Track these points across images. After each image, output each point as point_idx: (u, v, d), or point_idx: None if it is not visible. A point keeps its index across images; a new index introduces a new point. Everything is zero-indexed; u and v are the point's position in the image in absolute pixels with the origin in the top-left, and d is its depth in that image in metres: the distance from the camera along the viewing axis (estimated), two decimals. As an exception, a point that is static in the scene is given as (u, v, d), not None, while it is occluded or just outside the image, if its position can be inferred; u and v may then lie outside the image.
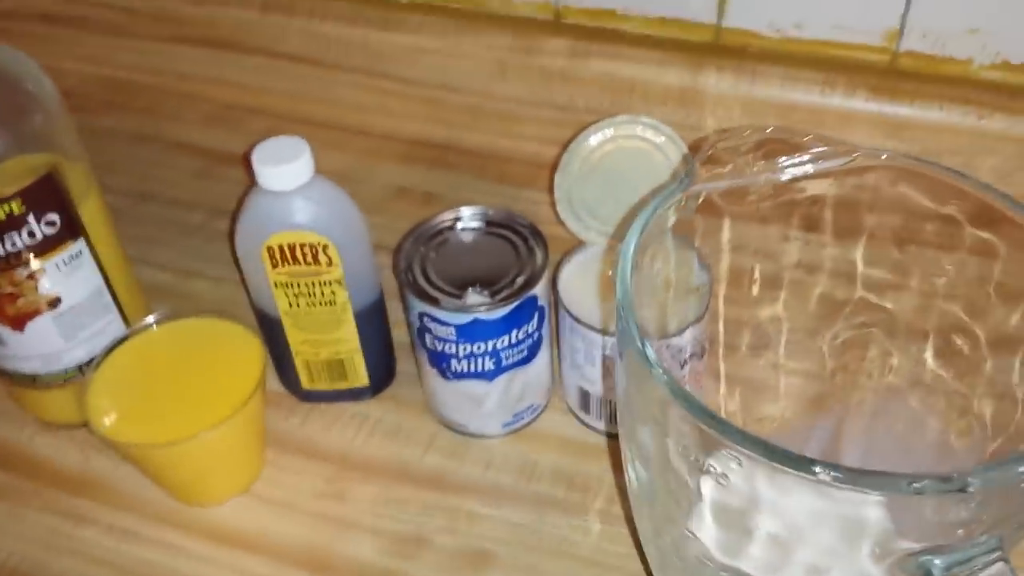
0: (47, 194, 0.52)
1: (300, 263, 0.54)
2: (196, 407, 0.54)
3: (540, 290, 0.56)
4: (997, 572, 0.30)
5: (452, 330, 0.54)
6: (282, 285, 0.55)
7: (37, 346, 0.56)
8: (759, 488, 0.33)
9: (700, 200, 0.42)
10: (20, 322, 0.55)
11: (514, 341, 0.56)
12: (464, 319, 0.54)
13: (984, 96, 0.71)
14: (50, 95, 0.53)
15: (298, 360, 0.60)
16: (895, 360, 0.47)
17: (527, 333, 0.56)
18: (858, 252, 0.46)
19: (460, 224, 0.59)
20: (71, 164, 0.54)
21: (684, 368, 0.50)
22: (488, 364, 0.56)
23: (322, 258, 0.53)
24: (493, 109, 0.81)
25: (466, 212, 0.59)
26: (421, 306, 0.54)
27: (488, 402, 0.58)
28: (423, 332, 0.56)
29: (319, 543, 0.56)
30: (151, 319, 0.58)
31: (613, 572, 0.53)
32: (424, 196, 0.80)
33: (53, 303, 0.55)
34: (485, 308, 0.54)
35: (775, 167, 0.40)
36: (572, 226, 0.59)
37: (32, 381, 0.58)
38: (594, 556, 0.54)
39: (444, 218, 0.59)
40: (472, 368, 0.56)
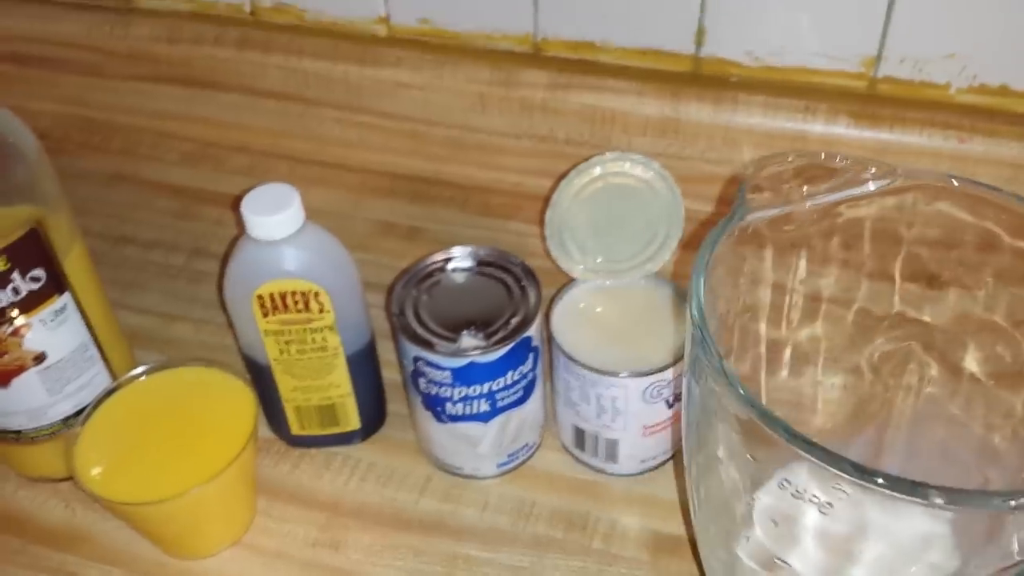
0: (32, 249, 0.51)
1: (291, 311, 0.53)
2: (186, 460, 0.53)
3: (534, 330, 0.55)
4: None
5: (448, 374, 0.54)
6: (273, 333, 0.54)
7: (22, 402, 0.55)
8: (867, 514, 0.34)
9: (750, 230, 0.42)
10: (5, 378, 0.53)
11: (510, 382, 0.55)
12: (460, 363, 0.53)
13: (963, 120, 0.71)
14: (32, 147, 0.52)
15: (288, 407, 0.59)
16: (934, 371, 0.47)
17: (522, 374, 0.56)
18: (896, 268, 0.46)
19: (451, 265, 0.58)
20: (55, 216, 0.53)
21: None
22: (484, 406, 0.56)
23: (313, 305, 0.53)
24: (475, 142, 0.81)
25: (457, 252, 0.59)
26: (416, 350, 0.54)
27: (483, 444, 0.58)
28: (417, 376, 0.55)
29: (316, 594, 0.55)
30: (140, 370, 0.57)
31: (616, 614, 0.53)
32: (409, 230, 0.79)
33: (38, 358, 0.54)
34: (481, 351, 0.53)
35: (817, 192, 0.41)
36: (563, 263, 0.59)
37: (16, 436, 0.57)
38: (596, 598, 0.54)
39: (435, 259, 0.58)
40: (467, 411, 0.56)
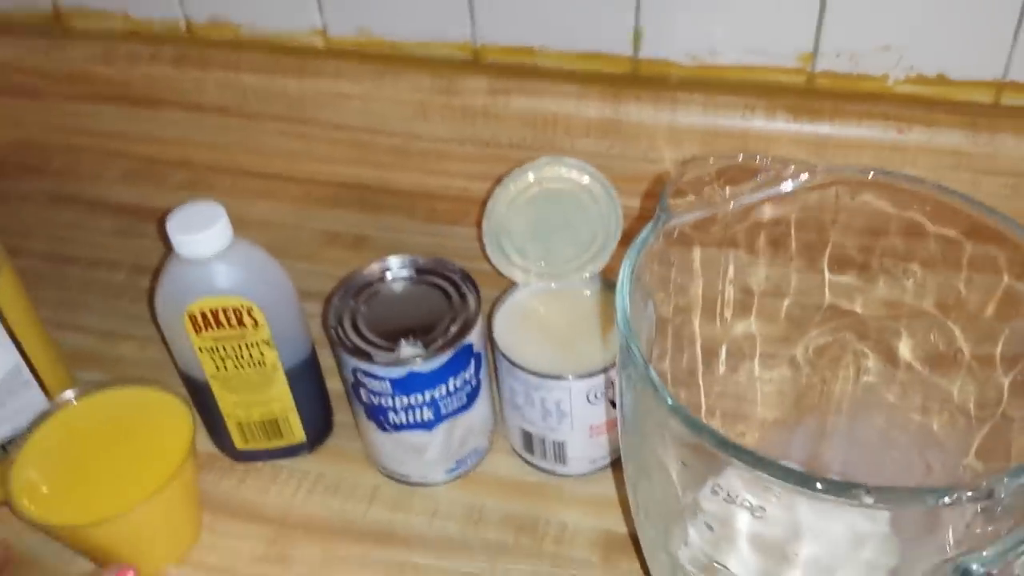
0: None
1: (224, 327, 0.52)
2: (125, 480, 0.53)
3: (475, 336, 0.55)
4: None
5: (388, 384, 0.53)
6: (207, 350, 0.53)
7: (-45, 429, 0.54)
8: (799, 516, 0.34)
9: (675, 235, 0.42)
10: (-64, 406, 0.53)
11: (452, 389, 0.55)
12: (399, 372, 0.53)
13: (902, 110, 0.72)
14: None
15: (230, 422, 0.58)
16: (870, 361, 0.47)
17: (465, 380, 0.55)
18: (824, 262, 0.46)
19: (389, 274, 0.58)
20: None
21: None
22: (427, 414, 0.55)
23: (247, 320, 0.52)
24: (418, 149, 0.81)
25: (395, 262, 0.58)
26: (354, 362, 0.53)
27: (430, 451, 0.58)
28: (358, 387, 0.55)
29: (263, 611, 0.54)
30: (71, 393, 0.56)
31: (566, 617, 0.53)
32: (355, 240, 0.79)
33: (-31, 385, 0.53)
34: (420, 360, 0.53)
35: (740, 192, 0.41)
36: (502, 267, 0.58)
37: (-49, 464, 0.56)
38: (547, 601, 0.54)
39: (372, 269, 0.58)
40: (411, 419, 0.55)
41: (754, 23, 0.72)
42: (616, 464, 0.60)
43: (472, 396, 0.57)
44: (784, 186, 0.40)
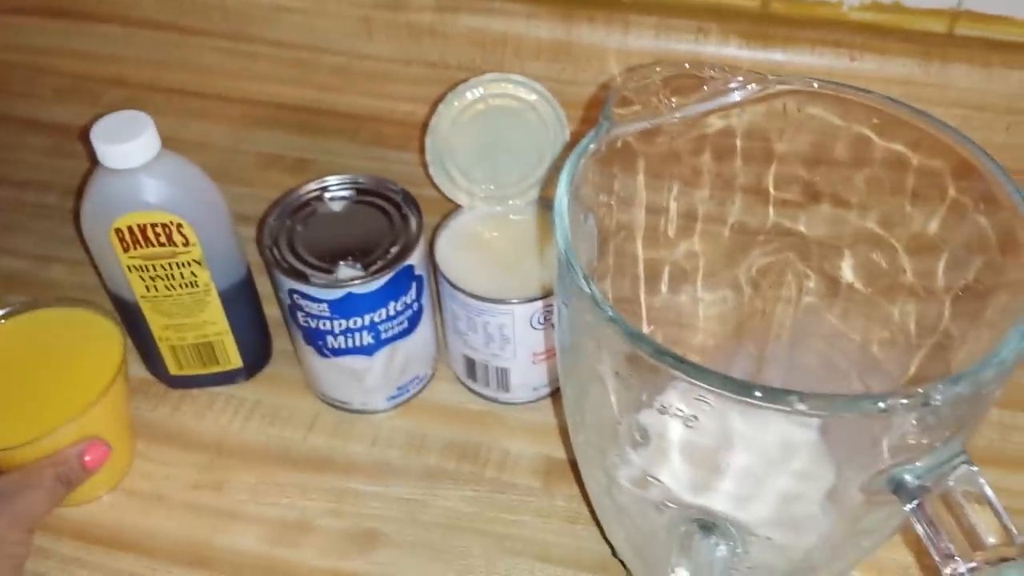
0: None
1: (153, 245, 0.50)
2: (53, 403, 0.51)
3: (416, 259, 0.54)
4: (964, 474, 0.31)
5: (325, 306, 0.52)
6: (136, 269, 0.51)
7: None
8: (731, 425, 0.33)
9: (619, 144, 0.41)
10: None
11: (392, 313, 0.54)
12: (337, 294, 0.51)
13: (855, 38, 0.71)
14: None
15: (163, 346, 0.56)
16: (812, 282, 0.47)
17: (406, 304, 0.54)
18: (769, 178, 0.46)
19: (328, 194, 0.56)
20: None
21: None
22: (367, 339, 0.54)
23: (177, 238, 0.50)
24: (362, 69, 0.78)
25: (334, 181, 0.56)
26: (290, 283, 0.52)
27: (370, 377, 0.56)
28: (295, 310, 0.53)
29: (197, 537, 0.53)
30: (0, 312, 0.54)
31: (506, 540, 0.52)
32: (296, 163, 0.76)
33: None
34: (359, 281, 0.51)
35: (686, 102, 0.40)
36: (446, 189, 0.57)
37: None
38: (489, 526, 0.53)
39: (310, 188, 0.56)
40: (350, 344, 0.54)
41: (710, -57, 0.70)
42: (558, 393, 0.59)
43: (413, 321, 0.55)
44: (732, 96, 0.39)
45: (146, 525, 0.54)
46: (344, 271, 0.52)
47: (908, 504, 0.31)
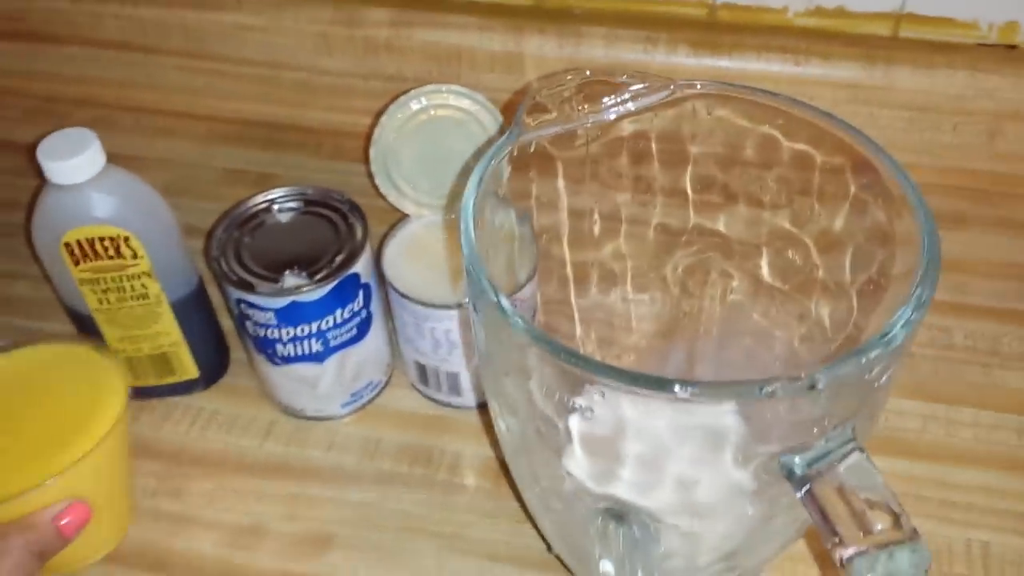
0: None
1: (102, 258, 0.52)
2: (39, 456, 0.47)
3: (362, 267, 0.55)
4: (854, 461, 0.32)
5: (272, 315, 0.53)
6: (88, 282, 0.53)
7: None
8: (623, 414, 0.34)
9: (532, 149, 0.42)
10: None
11: (340, 320, 0.55)
12: (282, 303, 0.53)
13: (800, 43, 0.72)
14: None
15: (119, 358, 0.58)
16: (735, 281, 0.48)
17: (353, 311, 0.55)
18: (687, 180, 0.47)
19: (276, 206, 0.57)
20: None
21: (535, 316, 0.51)
22: (315, 346, 0.55)
23: (125, 251, 0.51)
24: (322, 84, 0.80)
25: (281, 193, 0.58)
26: (237, 293, 0.53)
27: (322, 384, 0.58)
28: (244, 319, 0.55)
29: (154, 541, 0.54)
30: None
31: (456, 540, 0.53)
32: (259, 177, 0.78)
33: None
34: (304, 290, 0.53)
35: (599, 108, 0.41)
36: (392, 199, 0.58)
37: None
38: (439, 528, 0.54)
39: (258, 201, 0.57)
40: (299, 352, 0.55)
41: (655, -46, 0.72)
42: (510, 394, 0.60)
43: (363, 328, 0.57)
44: (642, 101, 0.40)
45: (103, 532, 0.55)
46: (289, 280, 0.53)
47: (799, 490, 0.32)
